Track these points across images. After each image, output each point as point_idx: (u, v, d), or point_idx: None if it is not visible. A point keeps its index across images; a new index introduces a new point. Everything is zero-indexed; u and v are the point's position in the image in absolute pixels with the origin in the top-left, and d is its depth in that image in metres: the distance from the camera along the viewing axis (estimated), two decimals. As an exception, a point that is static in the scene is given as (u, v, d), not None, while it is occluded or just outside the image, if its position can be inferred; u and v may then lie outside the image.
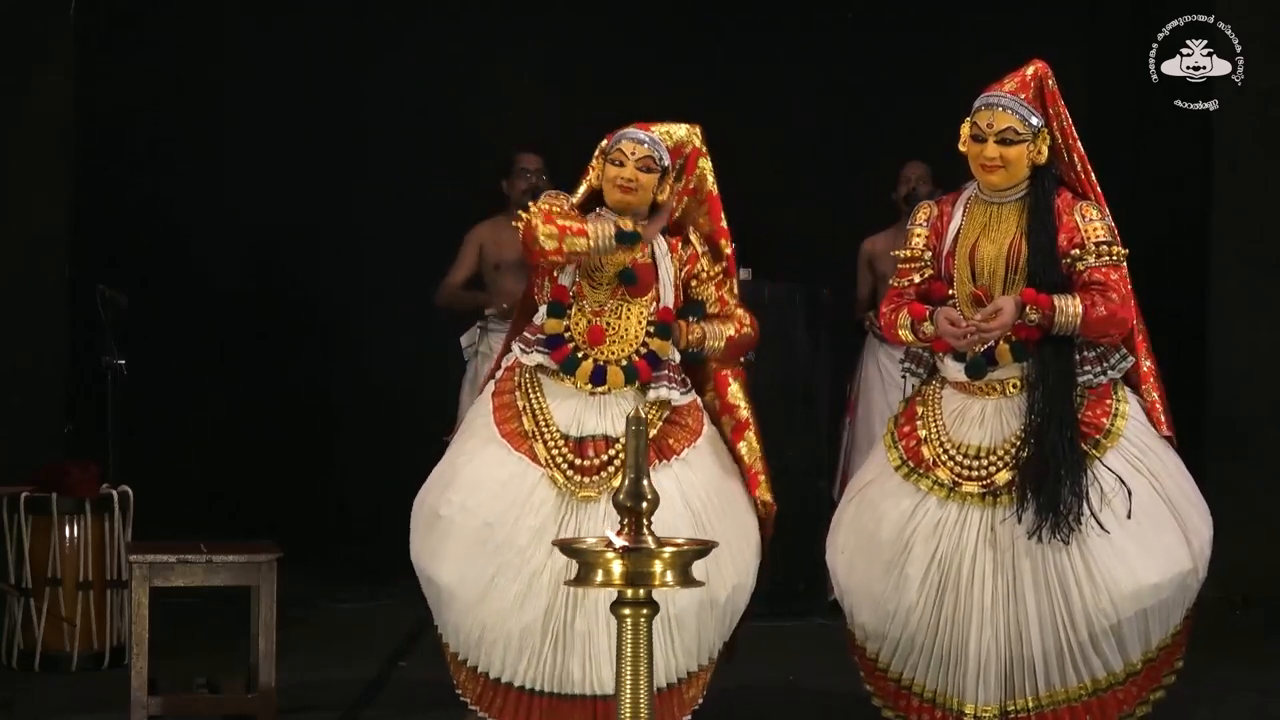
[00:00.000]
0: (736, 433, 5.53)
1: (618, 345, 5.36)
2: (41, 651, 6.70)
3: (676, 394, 5.39)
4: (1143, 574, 5.08)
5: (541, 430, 5.31)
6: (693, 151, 5.48)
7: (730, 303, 5.53)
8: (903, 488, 5.26)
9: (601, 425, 5.33)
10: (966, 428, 5.24)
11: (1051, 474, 5.05)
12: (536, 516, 5.23)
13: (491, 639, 5.25)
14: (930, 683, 5.23)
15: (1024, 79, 5.24)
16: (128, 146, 8.99)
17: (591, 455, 5.28)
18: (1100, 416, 5.19)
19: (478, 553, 5.23)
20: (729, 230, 5.55)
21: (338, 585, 8.20)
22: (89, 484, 6.81)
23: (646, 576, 3.46)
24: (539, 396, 5.37)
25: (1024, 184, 5.24)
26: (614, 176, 5.35)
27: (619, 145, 5.36)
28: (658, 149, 5.37)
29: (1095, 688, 5.14)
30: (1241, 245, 8.67)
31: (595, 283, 5.36)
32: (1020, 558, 5.10)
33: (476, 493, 5.27)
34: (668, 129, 5.45)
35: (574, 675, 5.21)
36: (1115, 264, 5.17)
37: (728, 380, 5.58)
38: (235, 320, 9.16)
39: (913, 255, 5.37)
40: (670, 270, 5.43)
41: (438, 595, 5.34)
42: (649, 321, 5.38)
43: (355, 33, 9.22)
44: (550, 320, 5.36)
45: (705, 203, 5.55)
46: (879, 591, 5.25)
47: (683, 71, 9.27)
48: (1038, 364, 5.14)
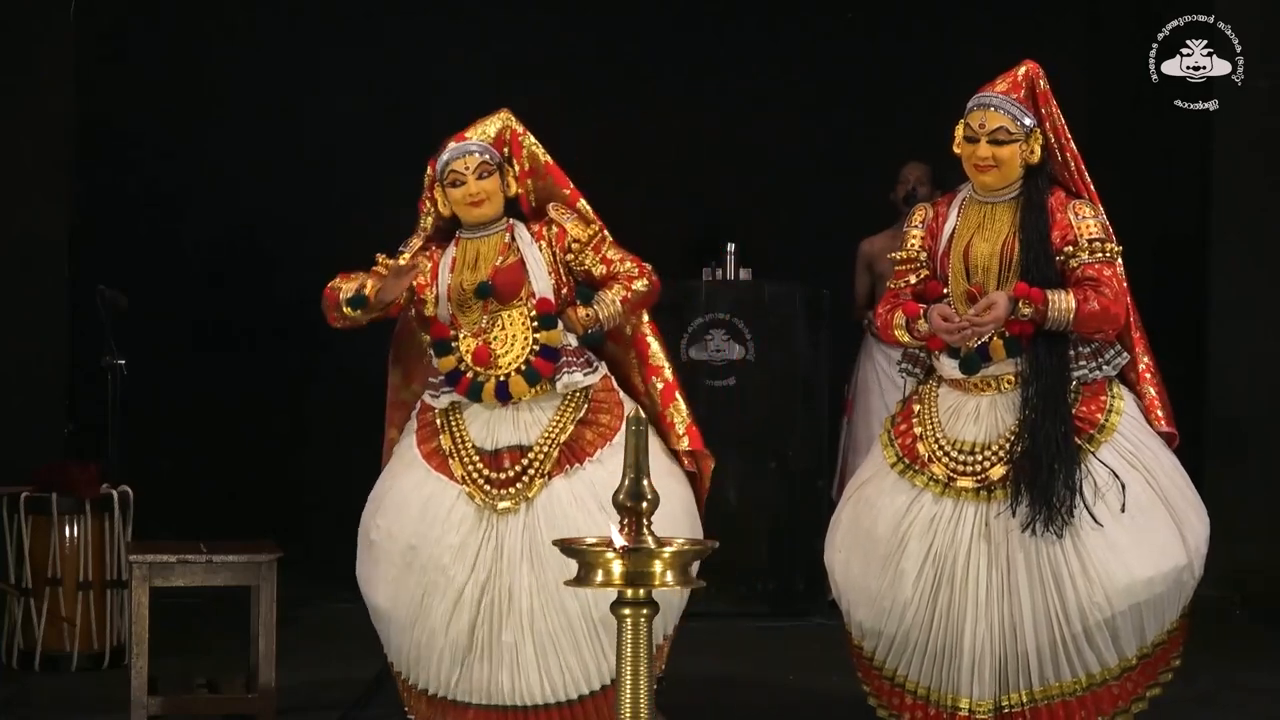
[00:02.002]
0: (666, 395, 5.51)
1: (511, 353, 5.36)
2: (41, 651, 6.71)
3: (580, 375, 5.39)
4: (1137, 568, 5.09)
5: (458, 447, 5.37)
6: (512, 136, 5.49)
7: (615, 259, 5.46)
8: (898, 484, 5.28)
9: (515, 435, 5.37)
10: (961, 424, 5.26)
11: (1045, 468, 5.07)
12: (457, 534, 5.29)
13: (427, 657, 5.34)
14: (925, 679, 5.24)
15: (1015, 79, 5.25)
16: (128, 146, 8.99)
17: (506, 466, 5.32)
18: (1095, 412, 5.20)
19: (405, 575, 5.33)
20: (580, 191, 5.54)
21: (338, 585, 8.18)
22: (89, 484, 6.81)
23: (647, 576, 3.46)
24: (456, 414, 5.43)
25: (1017, 184, 5.26)
26: (461, 197, 5.39)
27: (450, 166, 5.39)
28: (486, 150, 5.41)
29: (1090, 682, 5.15)
30: (1241, 245, 8.67)
31: (464, 305, 5.40)
32: (1014, 552, 5.12)
33: (400, 516, 5.36)
34: (480, 128, 5.47)
35: (504, 687, 5.27)
36: (1108, 260, 5.18)
37: (647, 341, 5.56)
38: (235, 320, 9.15)
39: (908, 257, 5.39)
40: (541, 258, 5.42)
41: (376, 618, 5.47)
42: (531, 318, 5.38)
43: (354, 33, 9.22)
44: (441, 359, 5.41)
45: (548, 175, 5.54)
46: (875, 588, 5.27)
47: (683, 72, 9.28)
48: (1032, 359, 5.16)
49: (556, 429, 5.36)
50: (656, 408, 5.50)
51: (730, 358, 7.98)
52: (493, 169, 5.40)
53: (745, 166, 9.27)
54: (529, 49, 9.21)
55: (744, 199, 9.16)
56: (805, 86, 9.34)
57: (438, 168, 5.44)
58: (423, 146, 9.29)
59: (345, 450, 9.19)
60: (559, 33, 9.28)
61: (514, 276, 5.39)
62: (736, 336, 7.94)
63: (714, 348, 7.97)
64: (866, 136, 9.13)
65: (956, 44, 8.92)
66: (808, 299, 8.10)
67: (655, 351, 5.56)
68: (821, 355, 8.15)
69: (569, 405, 5.39)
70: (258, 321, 9.17)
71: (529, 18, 9.28)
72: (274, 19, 9.08)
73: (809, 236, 9.09)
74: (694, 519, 5.45)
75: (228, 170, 9.02)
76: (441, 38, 9.22)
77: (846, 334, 8.35)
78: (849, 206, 8.85)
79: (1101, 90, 9.04)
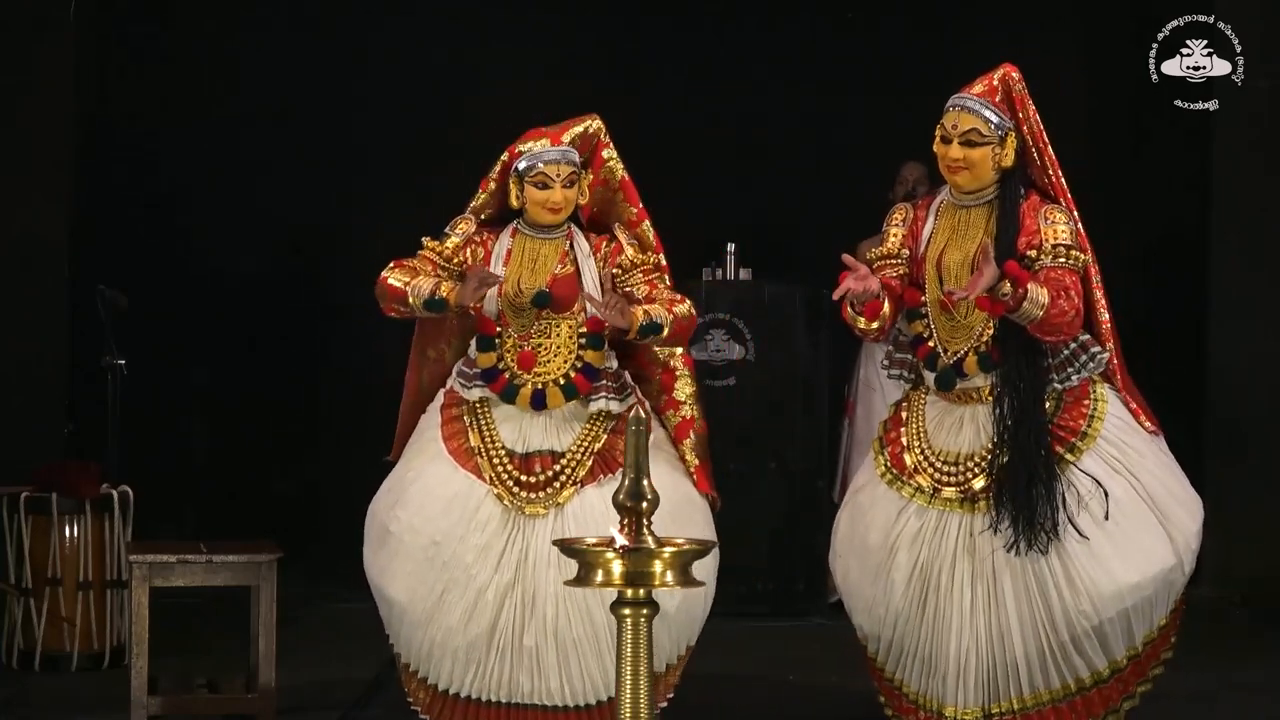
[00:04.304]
0: (680, 431, 5.51)
1: (553, 363, 5.35)
2: (41, 651, 6.70)
3: (615, 403, 5.38)
4: (1122, 575, 5.09)
5: (487, 447, 5.35)
6: (597, 145, 5.48)
7: (661, 289, 5.41)
8: (888, 495, 5.31)
9: (547, 441, 5.36)
10: (946, 434, 5.28)
11: (1024, 488, 5.06)
12: (483, 534, 5.27)
13: (440, 654, 5.32)
14: (915, 684, 5.28)
15: (991, 83, 5.25)
16: (128, 146, 8.98)
17: (537, 471, 5.31)
18: (1077, 419, 5.19)
19: (426, 570, 5.30)
20: (648, 211, 5.53)
21: (338, 585, 8.19)
22: (89, 484, 6.80)
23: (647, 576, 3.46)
24: (485, 414, 5.40)
25: (992, 187, 5.25)
26: (543, 200, 5.35)
27: (541, 169, 5.34)
28: (574, 159, 5.38)
29: (1079, 687, 5.16)
30: (1241, 245, 8.67)
31: (518, 308, 5.36)
32: (1000, 564, 5.13)
33: (423, 510, 5.32)
34: (573, 131, 5.44)
35: (523, 686, 5.27)
36: (1071, 268, 5.15)
37: (674, 376, 5.55)
38: (235, 320, 9.15)
39: (888, 253, 5.38)
40: (595, 272, 5.41)
41: (389, 610, 5.43)
42: (580, 334, 5.37)
43: (355, 32, 9.21)
44: (482, 354, 5.38)
45: (619, 191, 5.53)
46: (869, 595, 5.31)
47: (683, 72, 9.27)
48: (1006, 373, 5.14)
49: (589, 437, 5.36)
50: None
51: (730, 358, 7.98)
52: (577, 179, 5.38)
53: (745, 166, 9.26)
54: (529, 49, 9.21)
55: (744, 199, 9.15)
56: (805, 86, 9.33)
57: (522, 161, 5.37)
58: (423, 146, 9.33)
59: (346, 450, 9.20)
60: (558, 33, 9.27)
61: (570, 289, 5.36)
62: (736, 336, 7.94)
63: (714, 348, 7.97)
64: (866, 136, 9.13)
65: (956, 44, 8.91)
66: (808, 299, 8.09)
67: (679, 387, 5.55)
68: (821, 355, 8.14)
69: (603, 414, 5.39)
70: (258, 321, 9.16)
71: (528, 18, 9.27)
72: (274, 19, 9.08)
73: (809, 236, 9.09)
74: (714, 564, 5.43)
75: (228, 170, 9.02)
76: (441, 38, 9.21)
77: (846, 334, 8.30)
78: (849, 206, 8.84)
79: (1101, 90, 9.03)
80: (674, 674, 5.45)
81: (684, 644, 5.44)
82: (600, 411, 5.37)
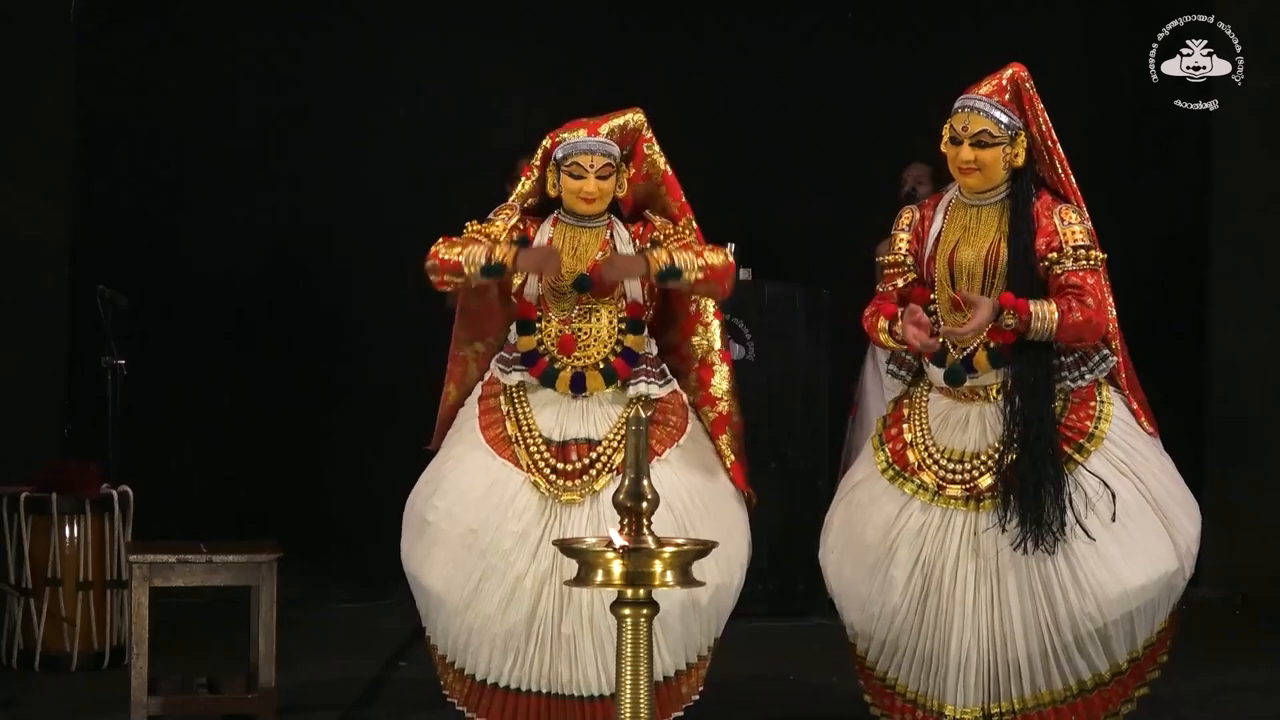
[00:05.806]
0: (717, 426, 5.53)
1: (593, 348, 5.37)
2: (41, 651, 6.70)
3: (656, 387, 5.41)
4: (1128, 577, 5.09)
5: (524, 435, 5.35)
6: (639, 139, 5.49)
7: (691, 240, 5.43)
8: (888, 491, 5.29)
9: (584, 429, 5.36)
10: (951, 432, 5.26)
11: (1032, 488, 5.06)
12: (519, 522, 5.26)
13: (478, 643, 5.30)
14: (913, 683, 5.26)
15: (1000, 82, 5.24)
16: (128, 147, 8.99)
17: (574, 459, 5.31)
18: (1084, 420, 5.19)
19: (464, 558, 5.28)
20: (690, 205, 5.54)
21: (338, 585, 8.20)
22: (89, 484, 6.81)
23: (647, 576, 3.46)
24: (523, 402, 5.41)
25: (1003, 186, 5.24)
26: (577, 189, 5.37)
27: (575, 158, 5.36)
28: (611, 151, 5.39)
29: (1080, 689, 5.16)
30: (1241, 246, 8.67)
31: (558, 292, 5.38)
32: (1004, 563, 5.12)
33: (461, 499, 5.32)
34: (614, 123, 5.44)
35: (562, 676, 5.26)
36: (1092, 268, 5.15)
37: (711, 371, 5.57)
38: (235, 320, 9.16)
39: (896, 260, 5.39)
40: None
41: (426, 599, 5.40)
42: (620, 319, 5.39)
43: (356, 32, 9.22)
44: (522, 338, 5.40)
45: (662, 184, 5.55)
46: (865, 593, 5.29)
47: (684, 73, 9.28)
48: (1016, 371, 5.14)
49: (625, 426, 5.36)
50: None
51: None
52: (613, 170, 5.39)
53: (746, 166, 9.27)
54: (528, 49, 9.22)
55: (744, 199, 9.16)
56: (806, 87, 9.34)
57: (559, 151, 5.39)
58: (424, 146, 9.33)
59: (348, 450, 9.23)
60: (558, 33, 9.28)
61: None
62: (736, 336, 7.93)
63: (714, 348, 7.96)
64: (867, 137, 9.14)
65: (957, 44, 8.92)
66: (808, 299, 8.10)
67: (716, 383, 5.56)
68: (821, 355, 8.14)
69: (641, 399, 5.40)
70: (258, 321, 9.17)
71: (528, 18, 9.28)
72: (274, 18, 9.08)
73: (809, 236, 9.10)
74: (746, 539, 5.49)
75: (228, 170, 9.02)
76: (441, 37, 9.22)
77: (846, 334, 8.34)
78: (849, 206, 8.86)
79: (1101, 90, 9.04)
80: (699, 671, 5.46)
81: (712, 635, 5.45)
82: (639, 396, 5.38)
